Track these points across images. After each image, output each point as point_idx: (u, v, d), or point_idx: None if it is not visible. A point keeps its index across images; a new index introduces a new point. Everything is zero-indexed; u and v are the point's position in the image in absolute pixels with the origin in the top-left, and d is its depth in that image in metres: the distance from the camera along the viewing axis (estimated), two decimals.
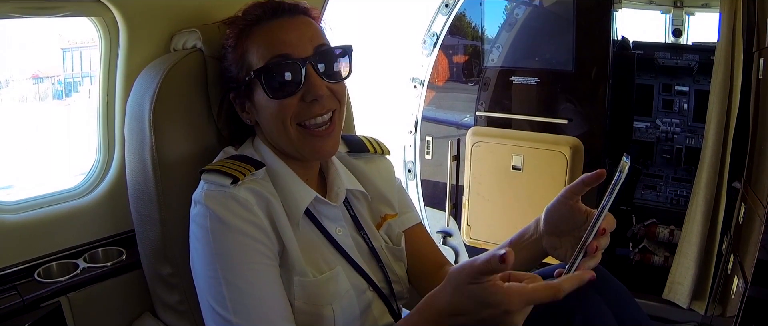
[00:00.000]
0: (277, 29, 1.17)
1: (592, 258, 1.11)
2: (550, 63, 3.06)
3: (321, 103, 1.16)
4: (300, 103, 1.16)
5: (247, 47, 1.18)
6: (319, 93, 1.15)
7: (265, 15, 1.18)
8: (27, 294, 1.32)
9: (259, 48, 1.17)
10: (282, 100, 1.16)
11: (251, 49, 1.18)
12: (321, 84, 1.16)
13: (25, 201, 1.45)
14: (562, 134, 2.99)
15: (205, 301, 1.11)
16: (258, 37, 1.18)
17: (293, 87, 1.15)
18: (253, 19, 1.19)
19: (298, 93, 1.16)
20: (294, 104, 1.16)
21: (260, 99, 1.18)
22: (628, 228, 3.19)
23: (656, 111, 3.31)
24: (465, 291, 0.93)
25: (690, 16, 3.54)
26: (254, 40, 1.18)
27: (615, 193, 1.02)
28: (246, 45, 1.18)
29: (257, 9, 1.19)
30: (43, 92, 4.73)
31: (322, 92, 1.16)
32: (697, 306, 2.70)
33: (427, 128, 3.51)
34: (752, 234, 2.02)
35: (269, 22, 1.18)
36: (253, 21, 1.19)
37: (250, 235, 1.11)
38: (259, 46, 1.17)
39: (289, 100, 1.16)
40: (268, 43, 1.16)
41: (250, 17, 1.19)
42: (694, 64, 3.19)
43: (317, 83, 1.15)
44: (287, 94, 1.15)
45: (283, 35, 1.16)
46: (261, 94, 1.17)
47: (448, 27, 3.35)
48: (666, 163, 3.33)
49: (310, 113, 1.17)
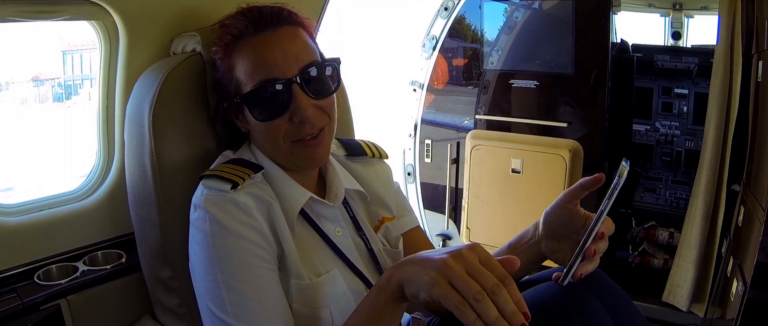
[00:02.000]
0: (261, 47, 1.15)
1: (591, 262, 1.11)
2: (550, 66, 3.06)
3: (309, 122, 1.16)
4: (289, 122, 1.16)
5: (234, 63, 1.17)
6: (305, 114, 1.15)
7: (247, 30, 1.16)
8: (26, 297, 1.32)
9: (245, 67, 1.16)
10: (271, 122, 1.16)
11: (238, 66, 1.17)
12: (307, 105, 1.15)
13: (25, 203, 1.45)
14: (561, 137, 2.99)
15: (205, 305, 1.11)
16: (243, 54, 1.16)
17: (281, 108, 1.15)
18: (237, 33, 1.17)
19: (286, 113, 1.15)
20: (284, 124, 1.16)
21: (250, 117, 1.18)
22: (628, 230, 3.19)
23: (656, 114, 3.32)
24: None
25: (689, 18, 3.55)
26: (240, 57, 1.16)
27: (614, 198, 1.02)
28: (233, 60, 1.18)
29: (240, 22, 1.17)
30: (44, 95, 4.73)
31: (309, 113, 1.15)
32: (697, 308, 2.70)
33: (426, 131, 3.51)
34: (752, 237, 2.02)
35: (252, 38, 1.16)
36: (238, 35, 1.17)
37: (250, 239, 1.11)
38: (245, 65, 1.16)
39: (278, 121, 1.16)
40: (254, 64, 1.15)
41: (234, 31, 1.17)
42: (693, 66, 3.20)
43: (303, 104, 1.14)
44: (275, 116, 1.15)
45: (268, 54, 1.14)
46: (250, 114, 1.18)
47: (448, 30, 3.36)
48: (665, 166, 3.33)
49: (301, 133, 1.17)
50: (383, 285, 1.00)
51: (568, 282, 1.10)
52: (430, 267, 0.90)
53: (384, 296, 1.00)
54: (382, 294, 1.00)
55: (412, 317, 1.49)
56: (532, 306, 1.12)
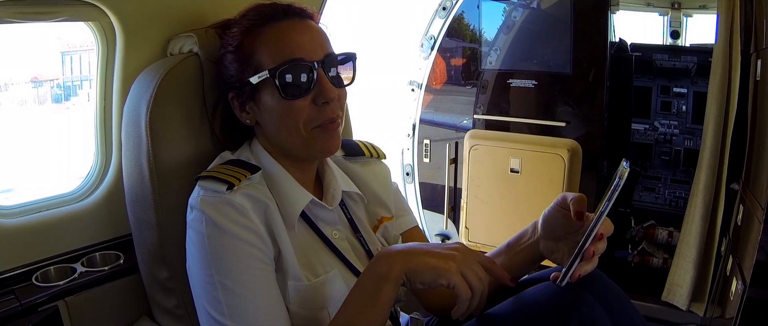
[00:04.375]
0: (290, 30, 1.17)
1: (589, 262, 1.11)
2: (548, 65, 3.07)
3: (331, 105, 1.17)
4: (311, 105, 1.16)
5: (256, 47, 1.17)
6: (331, 95, 1.16)
7: (275, 15, 1.18)
8: (25, 299, 1.32)
9: (269, 48, 1.16)
10: (293, 101, 1.15)
11: (260, 49, 1.17)
12: (331, 87, 1.16)
13: (23, 205, 1.45)
14: (560, 137, 2.99)
15: (201, 306, 1.11)
16: (268, 37, 1.17)
17: (305, 89, 1.15)
18: (261, 19, 1.18)
19: (310, 95, 1.16)
20: (305, 107, 1.16)
21: (268, 99, 1.17)
22: (627, 230, 3.19)
23: (654, 113, 3.32)
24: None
25: (688, 17, 3.55)
26: (264, 41, 1.17)
27: (613, 199, 1.02)
28: (255, 45, 1.17)
29: (266, 9, 1.19)
30: (43, 96, 4.73)
31: (333, 95, 1.16)
32: (696, 307, 2.69)
33: (425, 131, 3.52)
34: (751, 236, 2.02)
35: (280, 22, 1.17)
36: (260, 21, 1.18)
37: (246, 240, 1.10)
38: (270, 47, 1.16)
39: (300, 102, 1.15)
40: (281, 43, 1.16)
41: (256, 17, 1.19)
42: (692, 65, 3.20)
43: (328, 86, 1.16)
44: (299, 95, 1.15)
45: (297, 37, 1.16)
46: (269, 95, 1.17)
47: (446, 30, 3.36)
48: (664, 165, 3.33)
49: (322, 116, 1.17)
50: (384, 276, 1.03)
51: (566, 282, 1.09)
52: (448, 259, 1.04)
53: (387, 286, 1.03)
54: (385, 284, 1.03)
55: (411, 317, 1.49)
56: (531, 306, 1.13)
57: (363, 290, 1.06)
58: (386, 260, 1.05)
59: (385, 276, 1.03)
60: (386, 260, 1.05)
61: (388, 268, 1.03)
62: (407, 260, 1.04)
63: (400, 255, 1.05)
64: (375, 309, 1.04)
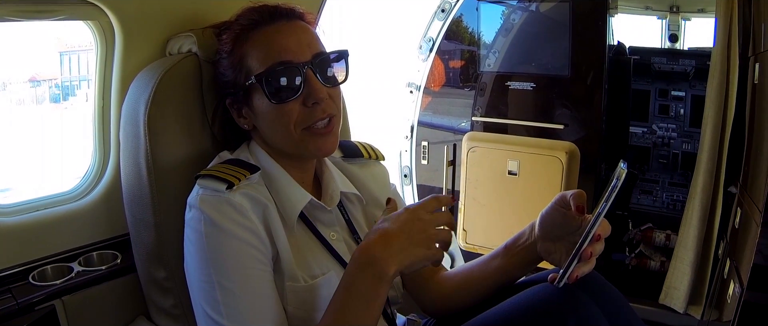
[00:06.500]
0: (276, 34, 1.17)
1: (587, 263, 1.11)
2: (547, 68, 3.07)
3: (321, 106, 1.17)
4: (301, 107, 1.16)
5: (246, 52, 1.18)
6: (320, 96, 1.15)
7: (262, 19, 1.18)
8: (21, 297, 1.32)
9: (258, 53, 1.17)
10: (283, 105, 1.15)
11: (250, 54, 1.17)
12: (321, 87, 1.16)
13: (21, 204, 1.45)
14: (558, 139, 2.99)
15: (199, 305, 1.11)
16: (256, 41, 1.17)
17: (294, 91, 1.15)
18: (249, 23, 1.19)
19: (299, 97, 1.16)
20: (296, 109, 1.16)
21: (260, 104, 1.18)
22: (625, 233, 3.19)
23: (652, 116, 3.33)
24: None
25: (686, 21, 3.56)
26: (253, 45, 1.18)
27: (611, 199, 1.02)
28: (244, 50, 1.18)
29: (254, 13, 1.19)
30: (41, 95, 4.72)
31: (323, 95, 1.16)
32: (694, 310, 2.70)
33: (423, 133, 3.51)
34: (748, 239, 2.02)
35: (267, 26, 1.18)
36: (250, 26, 1.19)
37: (245, 240, 1.10)
38: (259, 51, 1.17)
39: (291, 105, 1.16)
40: (268, 48, 1.16)
41: (246, 22, 1.19)
42: (690, 69, 3.21)
43: (317, 87, 1.16)
44: (288, 98, 1.15)
45: (283, 40, 1.16)
46: (261, 99, 1.17)
47: (445, 32, 3.36)
48: (662, 168, 3.34)
49: (313, 117, 1.17)
50: (383, 277, 1.01)
51: (564, 283, 1.09)
52: (420, 244, 1.03)
53: (385, 286, 1.02)
54: (383, 286, 1.02)
55: (408, 319, 1.49)
56: (528, 307, 1.13)
57: (358, 292, 1.03)
58: (380, 261, 1.01)
59: (383, 278, 1.01)
60: (380, 261, 1.01)
61: (384, 270, 1.00)
62: (401, 259, 1.01)
63: (393, 255, 1.01)
64: (374, 310, 1.03)
